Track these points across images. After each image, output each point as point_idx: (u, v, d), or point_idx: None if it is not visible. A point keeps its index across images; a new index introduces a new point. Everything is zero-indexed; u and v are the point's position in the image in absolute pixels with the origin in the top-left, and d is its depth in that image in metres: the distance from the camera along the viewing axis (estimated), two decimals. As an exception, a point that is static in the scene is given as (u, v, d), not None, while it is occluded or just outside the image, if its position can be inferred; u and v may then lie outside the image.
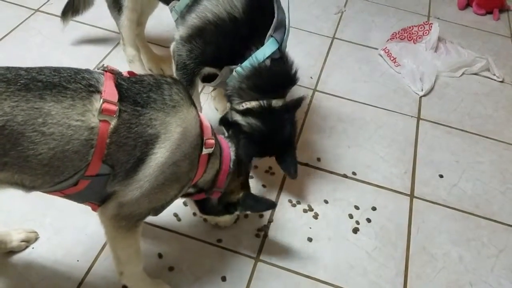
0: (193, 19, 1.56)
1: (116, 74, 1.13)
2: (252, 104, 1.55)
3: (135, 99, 1.10)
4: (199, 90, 1.86)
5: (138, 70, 2.08)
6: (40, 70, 1.05)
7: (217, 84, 1.66)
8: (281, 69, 1.55)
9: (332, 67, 2.50)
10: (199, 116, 1.23)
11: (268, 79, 1.53)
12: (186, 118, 1.15)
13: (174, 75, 1.68)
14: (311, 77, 2.41)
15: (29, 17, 2.43)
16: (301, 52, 2.55)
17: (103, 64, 1.16)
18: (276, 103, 1.56)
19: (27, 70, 1.04)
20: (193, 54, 1.60)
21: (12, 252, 1.49)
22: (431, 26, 2.60)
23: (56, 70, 1.06)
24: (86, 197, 1.17)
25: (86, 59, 2.24)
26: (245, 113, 1.56)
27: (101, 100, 1.03)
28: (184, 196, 1.40)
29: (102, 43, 2.35)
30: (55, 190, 1.11)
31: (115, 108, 1.04)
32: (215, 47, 1.57)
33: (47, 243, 1.54)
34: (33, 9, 2.47)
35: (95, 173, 1.07)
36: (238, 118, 1.57)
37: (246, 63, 1.51)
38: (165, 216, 1.57)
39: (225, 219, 1.57)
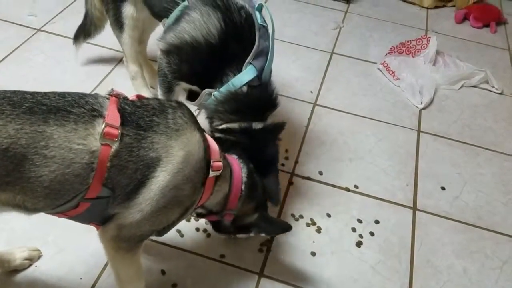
0: (171, 37, 1.60)
1: (120, 99, 1.14)
2: (233, 125, 1.57)
3: (138, 123, 1.11)
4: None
5: (141, 86, 2.11)
6: (45, 94, 1.07)
7: (198, 106, 1.68)
8: (258, 95, 1.56)
9: (332, 81, 2.52)
10: (204, 139, 1.23)
11: (246, 104, 1.55)
12: (189, 141, 1.16)
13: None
14: (311, 92, 2.43)
15: (31, 36, 2.46)
16: (301, 67, 2.58)
17: (112, 88, 1.17)
18: (256, 125, 1.57)
19: (33, 94, 1.06)
20: (170, 68, 1.64)
21: (16, 270, 1.49)
22: (429, 40, 2.63)
23: (61, 95, 1.08)
24: (89, 219, 1.17)
25: (88, 77, 2.26)
26: (226, 131, 1.58)
27: (104, 124, 1.05)
28: (198, 216, 1.42)
29: (104, 61, 2.38)
30: (57, 212, 1.12)
31: (117, 132, 1.05)
32: (191, 67, 1.61)
33: (50, 261, 1.54)
34: (35, 29, 2.51)
35: (95, 195, 1.08)
36: (220, 135, 1.59)
37: (223, 89, 1.54)
38: (168, 233, 1.56)
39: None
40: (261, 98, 1.58)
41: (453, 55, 2.71)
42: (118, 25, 1.98)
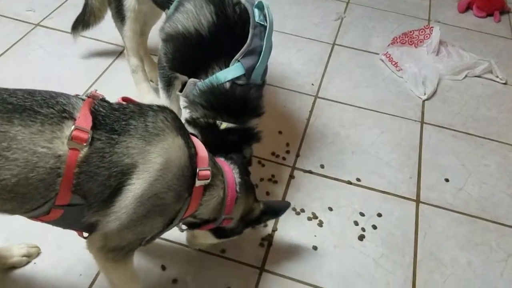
0: (167, 27, 1.60)
1: (96, 100, 1.06)
2: (198, 117, 1.53)
3: (112, 126, 1.03)
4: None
5: (141, 80, 2.10)
6: (13, 92, 1.00)
7: (184, 95, 1.64)
8: (239, 95, 1.51)
9: (333, 73, 2.49)
10: (190, 146, 1.15)
11: (222, 100, 1.50)
12: (170, 148, 1.08)
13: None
14: (312, 84, 2.40)
15: (29, 31, 2.44)
16: (302, 59, 2.55)
17: (95, 90, 1.11)
18: (221, 124, 1.51)
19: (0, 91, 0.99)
20: (166, 57, 1.63)
21: (14, 267, 1.48)
22: (432, 30, 2.59)
23: (30, 93, 1.01)
24: (66, 225, 1.12)
25: (87, 72, 2.25)
26: (191, 123, 1.54)
27: (73, 127, 0.97)
28: (190, 227, 1.36)
29: (103, 56, 2.36)
30: (31, 216, 1.07)
31: (86, 135, 0.98)
32: (182, 57, 1.59)
33: (49, 258, 1.53)
34: (33, 24, 2.49)
35: (66, 203, 1.01)
36: (187, 126, 1.54)
37: (206, 81, 1.51)
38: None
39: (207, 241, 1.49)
40: (242, 98, 1.51)
41: (457, 45, 2.67)
42: (120, 17, 1.96)
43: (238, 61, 1.49)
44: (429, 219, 1.83)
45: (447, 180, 2.00)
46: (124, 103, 1.13)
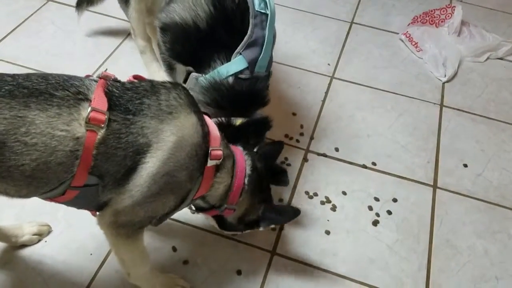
0: (163, 16, 1.54)
1: (108, 81, 1.06)
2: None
3: (127, 106, 1.03)
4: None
5: (150, 60, 2.06)
6: (28, 76, 0.99)
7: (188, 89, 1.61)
8: (244, 89, 1.46)
9: (351, 53, 2.42)
10: (203, 124, 1.14)
11: (227, 97, 1.45)
12: (183, 126, 1.07)
13: None
14: (328, 64, 2.33)
15: (41, 7, 2.40)
16: (318, 38, 2.48)
17: (106, 69, 1.10)
18: (234, 121, 1.46)
19: (13, 76, 0.98)
20: (166, 46, 1.58)
21: (25, 245, 1.48)
22: (454, 9, 2.50)
23: (44, 77, 1.00)
24: (80, 205, 1.13)
25: (98, 49, 2.22)
26: None
27: (89, 109, 0.97)
28: (198, 210, 1.35)
29: (115, 33, 2.32)
30: (44, 198, 1.07)
31: (103, 117, 0.98)
32: (182, 48, 1.54)
33: (60, 237, 1.52)
34: (45, -1, 2.45)
35: (82, 184, 1.02)
36: None
37: (208, 76, 1.46)
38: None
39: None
40: (246, 92, 1.47)
41: (479, 25, 2.58)
42: None
43: (240, 54, 1.44)
44: (446, 205, 1.79)
45: (465, 165, 1.94)
46: (135, 81, 1.12)
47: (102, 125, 0.98)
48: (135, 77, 1.14)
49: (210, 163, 1.15)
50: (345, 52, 2.42)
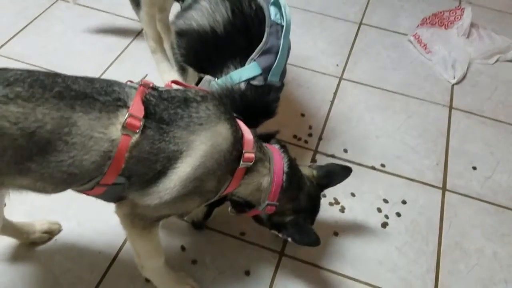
0: (181, 23, 1.55)
1: (147, 90, 1.12)
2: None
3: (161, 116, 1.09)
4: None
5: (161, 60, 2.07)
6: (76, 79, 1.06)
7: None
8: (254, 98, 1.45)
9: (359, 54, 2.42)
10: (236, 130, 1.19)
11: (238, 103, 1.44)
12: (212, 135, 1.13)
13: None
14: (337, 65, 2.33)
15: (50, 6, 2.41)
16: (327, 39, 2.48)
17: (146, 74, 1.15)
18: None
19: (63, 78, 1.04)
20: (180, 51, 1.59)
21: (36, 243, 1.49)
22: (463, 11, 2.49)
23: (90, 81, 1.07)
24: (108, 199, 1.18)
25: (108, 48, 2.22)
26: None
27: (127, 114, 1.03)
28: (238, 212, 1.36)
29: (124, 32, 2.32)
30: (73, 189, 1.13)
31: (139, 123, 1.04)
32: (196, 54, 1.55)
33: (70, 235, 1.53)
34: (55, -2, 2.46)
35: (111, 182, 1.08)
36: None
37: (220, 80, 1.46)
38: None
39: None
40: (258, 100, 1.46)
41: (488, 28, 2.56)
42: (135, 1, 1.95)
43: (254, 60, 1.44)
44: (455, 208, 1.78)
45: (474, 168, 1.93)
46: (172, 87, 1.19)
47: (137, 131, 1.04)
48: (174, 82, 1.23)
49: (242, 165, 1.20)
50: (353, 53, 2.42)
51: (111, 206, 1.25)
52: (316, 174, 1.45)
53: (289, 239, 1.38)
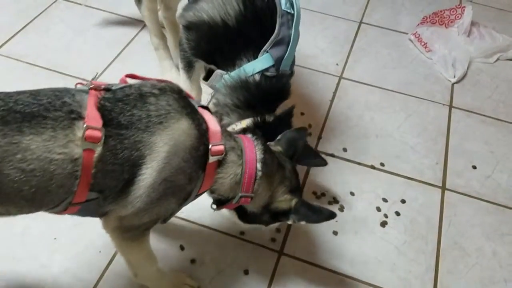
0: (190, 15, 1.54)
1: (100, 92, 1.03)
2: (247, 122, 1.47)
3: (119, 120, 1.01)
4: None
5: (163, 57, 2.08)
6: (18, 99, 0.95)
7: (210, 86, 1.61)
8: (270, 87, 1.47)
9: (359, 53, 2.41)
10: (199, 124, 1.11)
11: (255, 95, 1.46)
12: (174, 133, 1.06)
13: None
14: (337, 64, 2.33)
15: (50, 5, 2.41)
16: (327, 37, 2.47)
17: (96, 74, 1.07)
18: (268, 118, 1.48)
19: (4, 99, 0.94)
20: (189, 44, 1.58)
21: (34, 243, 1.49)
22: (464, 10, 2.48)
23: (35, 97, 0.97)
24: (83, 215, 1.12)
25: (109, 47, 2.22)
26: (242, 132, 1.48)
27: (84, 127, 0.95)
28: (218, 206, 1.30)
29: (124, 31, 2.32)
30: (47, 212, 1.07)
31: (99, 134, 0.95)
32: (208, 46, 1.54)
33: (69, 234, 1.53)
34: (55, -3, 2.47)
35: (83, 200, 1.01)
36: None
37: (234, 73, 1.46)
38: (188, 208, 1.54)
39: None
40: (273, 89, 1.48)
41: (489, 26, 2.56)
42: None
43: (267, 52, 1.44)
44: (454, 207, 1.78)
45: (474, 167, 1.93)
46: (127, 83, 1.10)
47: (99, 143, 0.96)
48: (128, 76, 1.13)
49: (212, 159, 1.13)
50: (353, 52, 2.42)
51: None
52: (281, 149, 1.36)
53: (303, 222, 1.31)
